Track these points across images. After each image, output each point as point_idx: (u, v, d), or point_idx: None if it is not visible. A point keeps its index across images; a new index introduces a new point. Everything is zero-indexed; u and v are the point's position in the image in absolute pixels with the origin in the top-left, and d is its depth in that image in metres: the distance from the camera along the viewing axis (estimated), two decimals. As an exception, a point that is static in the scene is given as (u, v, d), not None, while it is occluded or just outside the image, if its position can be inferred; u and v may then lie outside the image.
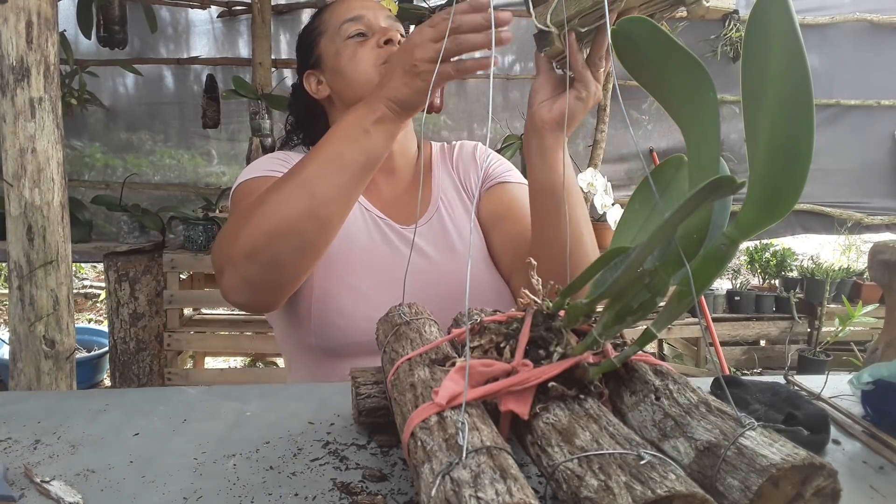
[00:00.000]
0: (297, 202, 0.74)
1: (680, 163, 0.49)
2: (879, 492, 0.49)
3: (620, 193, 2.77)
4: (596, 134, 3.01)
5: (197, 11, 2.96)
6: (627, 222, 0.51)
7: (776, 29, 0.33)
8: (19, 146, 1.46)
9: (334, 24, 0.97)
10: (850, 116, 3.24)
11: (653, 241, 0.38)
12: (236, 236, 0.76)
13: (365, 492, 0.48)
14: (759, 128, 0.35)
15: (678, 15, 2.60)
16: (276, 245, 0.74)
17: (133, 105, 2.99)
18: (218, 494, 0.47)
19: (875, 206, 3.31)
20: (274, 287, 0.80)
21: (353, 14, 0.96)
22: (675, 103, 0.42)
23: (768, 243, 3.30)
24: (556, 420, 0.40)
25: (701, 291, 0.39)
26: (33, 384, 1.53)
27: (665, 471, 0.32)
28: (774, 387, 0.62)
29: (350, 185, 0.76)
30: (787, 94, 0.33)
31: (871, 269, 0.84)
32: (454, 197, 1.04)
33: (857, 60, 3.19)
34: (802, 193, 0.34)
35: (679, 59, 0.40)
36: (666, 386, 0.44)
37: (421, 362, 0.48)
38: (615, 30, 0.45)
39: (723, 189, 0.34)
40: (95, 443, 0.56)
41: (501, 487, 0.31)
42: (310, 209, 0.74)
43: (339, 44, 0.96)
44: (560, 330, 0.48)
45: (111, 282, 2.50)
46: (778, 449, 0.35)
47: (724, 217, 0.42)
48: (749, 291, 3.14)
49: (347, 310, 0.88)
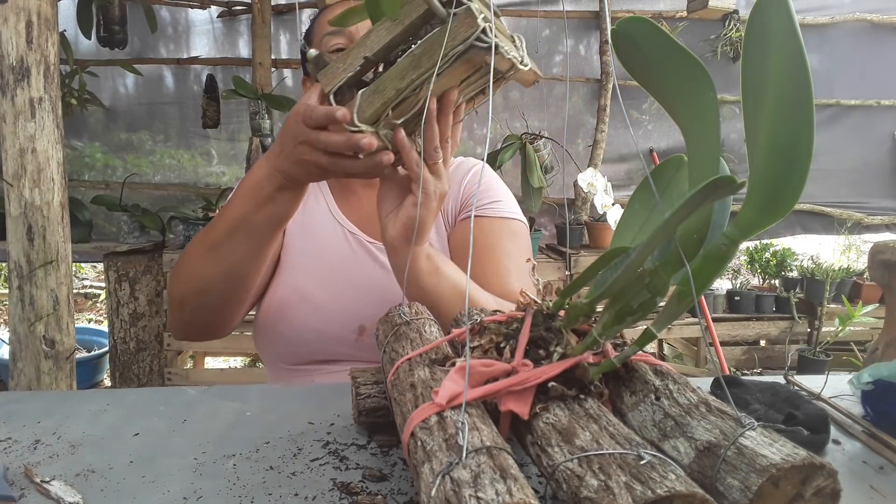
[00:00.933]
0: (212, 265, 0.78)
1: (680, 163, 0.49)
2: (879, 492, 0.49)
3: (620, 193, 2.77)
4: (596, 134, 3.02)
5: (197, 11, 2.96)
6: (627, 222, 0.51)
7: (776, 29, 0.33)
8: (19, 146, 1.46)
9: (319, 35, 0.91)
10: (850, 116, 3.24)
11: (653, 241, 0.38)
12: (171, 281, 0.83)
13: (365, 492, 0.48)
14: (759, 128, 0.35)
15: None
16: (200, 298, 0.80)
17: (133, 105, 3.00)
18: (218, 494, 0.47)
19: (875, 206, 3.31)
20: (209, 327, 0.86)
21: (332, 27, 0.90)
22: (675, 103, 0.42)
23: (768, 243, 3.30)
24: (556, 420, 0.40)
25: (701, 291, 0.39)
26: (33, 384, 1.53)
27: (665, 471, 0.32)
28: (774, 387, 0.62)
29: (261, 244, 0.77)
30: (787, 94, 0.33)
31: (871, 269, 0.85)
32: (439, 223, 0.97)
33: (857, 60, 3.19)
34: (802, 193, 0.34)
35: (679, 59, 0.39)
36: (666, 386, 0.44)
37: (421, 362, 0.48)
38: (615, 30, 0.45)
39: (723, 189, 0.34)
40: (95, 443, 0.56)
41: (501, 487, 0.31)
42: (224, 271, 0.78)
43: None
44: (560, 330, 0.48)
45: (111, 282, 2.50)
46: (778, 449, 0.35)
47: (724, 217, 0.42)
48: (749, 291, 3.14)
49: (297, 321, 0.88)
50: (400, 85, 0.57)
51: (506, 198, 0.97)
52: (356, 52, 0.60)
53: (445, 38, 0.54)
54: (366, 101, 0.59)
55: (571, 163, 2.83)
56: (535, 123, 2.89)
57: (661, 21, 2.98)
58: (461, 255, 0.92)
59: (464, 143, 3.09)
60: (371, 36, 0.59)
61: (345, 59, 0.61)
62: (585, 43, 3.11)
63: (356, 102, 0.59)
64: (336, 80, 0.61)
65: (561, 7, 2.97)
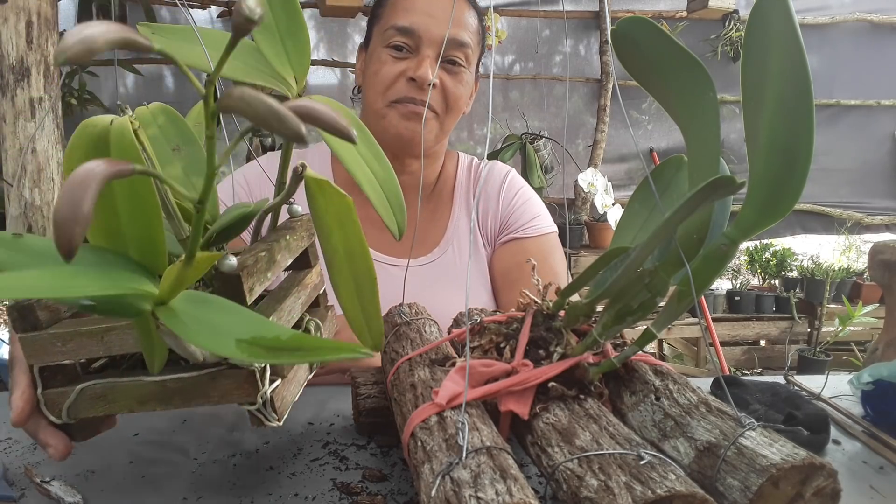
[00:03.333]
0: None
1: (680, 163, 0.49)
2: (879, 492, 0.49)
3: (620, 193, 2.77)
4: (596, 134, 3.02)
5: (197, 11, 2.95)
6: (627, 222, 0.51)
7: (776, 29, 0.33)
8: (19, 146, 1.46)
9: (386, 20, 0.82)
10: (850, 116, 3.24)
11: (653, 241, 0.38)
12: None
13: (365, 492, 0.48)
14: (759, 128, 0.35)
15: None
16: None
17: (133, 105, 2.97)
18: (218, 494, 0.47)
19: (875, 206, 3.31)
20: None
21: (404, 22, 0.80)
22: (674, 103, 0.42)
23: (768, 243, 3.30)
24: (556, 420, 0.40)
25: (701, 291, 0.39)
26: (33, 384, 1.53)
27: (665, 471, 0.32)
28: (774, 387, 0.62)
29: None
30: (787, 94, 0.33)
31: (871, 269, 0.85)
32: (466, 246, 0.89)
33: (857, 60, 3.19)
34: (802, 193, 0.34)
35: (679, 59, 0.39)
36: (666, 386, 0.44)
37: (421, 362, 0.48)
38: (615, 30, 0.45)
39: (723, 189, 0.34)
40: (95, 443, 0.56)
41: (501, 487, 0.31)
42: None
43: (379, 46, 0.83)
44: (560, 330, 0.48)
45: (111, 282, 2.50)
46: (778, 449, 0.35)
47: (724, 217, 0.42)
48: (749, 291, 3.13)
49: None
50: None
51: (542, 210, 0.94)
52: None
53: None
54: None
55: (571, 163, 2.83)
56: (535, 123, 2.89)
57: (661, 21, 2.98)
58: (504, 285, 0.89)
59: (464, 144, 3.09)
60: None
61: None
62: (585, 43, 3.11)
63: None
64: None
65: (561, 7, 2.97)
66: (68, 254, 0.23)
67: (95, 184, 0.24)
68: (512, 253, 0.89)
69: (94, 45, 0.23)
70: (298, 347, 0.30)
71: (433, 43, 0.80)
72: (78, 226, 0.23)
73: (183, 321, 0.32)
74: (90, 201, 0.23)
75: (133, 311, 0.33)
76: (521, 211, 0.92)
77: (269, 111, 0.25)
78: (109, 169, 0.25)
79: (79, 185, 0.23)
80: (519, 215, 0.91)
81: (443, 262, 0.89)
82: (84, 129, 0.39)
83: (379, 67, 0.82)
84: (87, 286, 0.30)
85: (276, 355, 0.30)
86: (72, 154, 0.39)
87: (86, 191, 0.23)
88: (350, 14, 2.50)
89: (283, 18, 0.48)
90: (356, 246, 0.44)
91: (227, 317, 0.32)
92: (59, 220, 0.23)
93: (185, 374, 0.41)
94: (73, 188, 0.23)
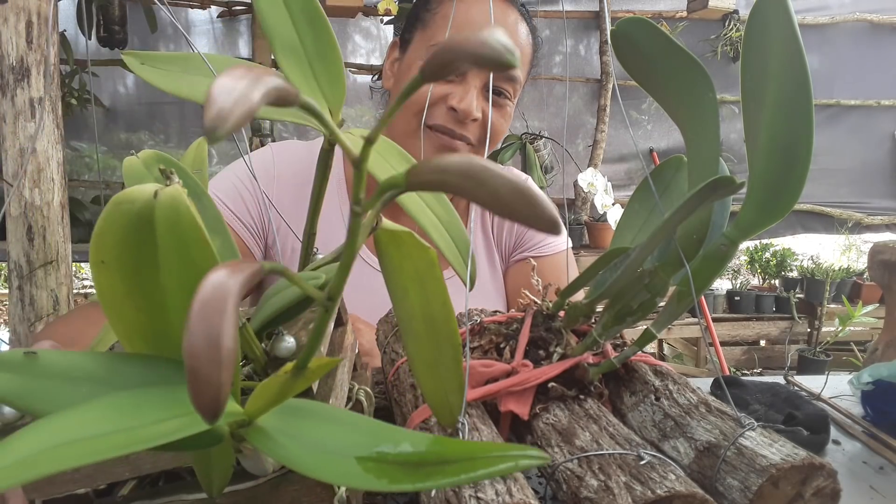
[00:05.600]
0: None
1: (680, 163, 0.49)
2: (879, 492, 0.49)
3: (620, 193, 2.77)
4: (596, 134, 3.02)
5: (197, 11, 2.95)
6: (627, 223, 0.51)
7: (776, 29, 0.33)
8: (19, 146, 1.46)
9: (434, 30, 0.75)
10: (850, 116, 3.24)
11: (652, 242, 0.38)
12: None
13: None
14: (759, 128, 0.35)
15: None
16: None
17: (133, 105, 2.99)
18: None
19: (875, 206, 3.31)
20: None
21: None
22: (674, 103, 0.42)
23: (768, 243, 3.30)
24: (556, 420, 0.40)
25: (701, 291, 0.39)
26: (33, 384, 1.53)
27: (665, 471, 0.32)
28: (774, 387, 0.62)
29: None
30: (786, 94, 0.33)
31: (871, 269, 0.85)
32: (483, 260, 0.87)
33: (857, 60, 3.19)
34: (802, 193, 0.34)
35: (679, 59, 0.40)
36: (666, 386, 0.44)
37: (421, 362, 0.48)
38: (615, 30, 0.45)
39: (723, 189, 0.34)
40: None
41: (501, 488, 0.31)
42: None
43: (421, 59, 0.75)
44: (560, 330, 0.48)
45: (111, 282, 2.50)
46: (778, 449, 0.35)
47: (724, 217, 0.42)
48: (749, 291, 3.14)
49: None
50: None
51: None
52: None
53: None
54: None
55: (571, 163, 2.83)
56: (535, 123, 2.89)
57: (661, 21, 2.98)
58: (517, 303, 0.87)
59: (464, 143, 3.08)
60: None
61: None
62: (585, 43, 3.11)
63: None
64: None
65: (561, 7, 2.97)
66: (213, 414, 0.17)
67: (232, 304, 0.17)
68: (525, 273, 0.87)
69: (252, 105, 0.16)
70: (442, 459, 0.22)
71: (483, 72, 0.73)
72: (224, 369, 0.16)
73: (280, 443, 0.24)
74: (231, 328, 0.17)
75: (210, 440, 0.24)
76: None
77: (515, 193, 0.17)
78: (241, 276, 0.18)
79: (213, 311, 0.17)
80: (534, 233, 0.88)
81: (456, 282, 0.84)
82: (117, 208, 0.27)
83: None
84: (166, 426, 0.21)
85: (418, 475, 0.22)
86: (101, 241, 0.26)
87: (222, 316, 0.17)
88: (350, 14, 2.50)
89: (310, 37, 0.39)
90: (438, 310, 0.33)
91: (331, 428, 0.25)
92: (196, 365, 0.16)
93: (240, 485, 0.32)
94: (205, 316, 0.17)
